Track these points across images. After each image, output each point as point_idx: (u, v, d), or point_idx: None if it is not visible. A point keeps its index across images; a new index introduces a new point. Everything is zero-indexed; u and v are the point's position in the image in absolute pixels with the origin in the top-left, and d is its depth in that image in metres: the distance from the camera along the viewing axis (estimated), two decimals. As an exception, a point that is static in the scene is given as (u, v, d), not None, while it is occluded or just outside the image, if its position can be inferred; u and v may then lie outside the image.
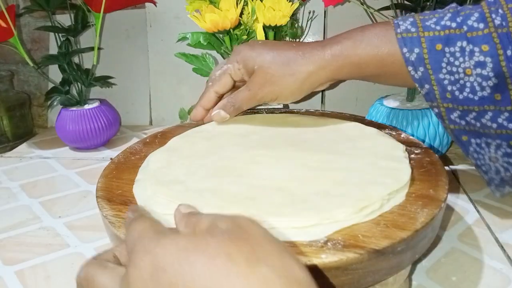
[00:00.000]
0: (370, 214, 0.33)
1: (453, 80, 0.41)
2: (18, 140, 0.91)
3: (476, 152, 0.43)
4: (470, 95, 0.41)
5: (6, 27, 0.69)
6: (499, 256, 0.44)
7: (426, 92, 0.42)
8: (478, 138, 0.42)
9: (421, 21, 0.42)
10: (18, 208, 0.58)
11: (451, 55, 0.40)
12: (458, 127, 0.43)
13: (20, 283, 0.43)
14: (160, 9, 0.83)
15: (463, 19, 0.40)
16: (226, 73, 0.49)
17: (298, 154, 0.42)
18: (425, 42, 0.41)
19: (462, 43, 0.40)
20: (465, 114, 0.41)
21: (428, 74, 0.41)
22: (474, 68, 0.40)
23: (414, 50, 0.41)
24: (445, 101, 0.42)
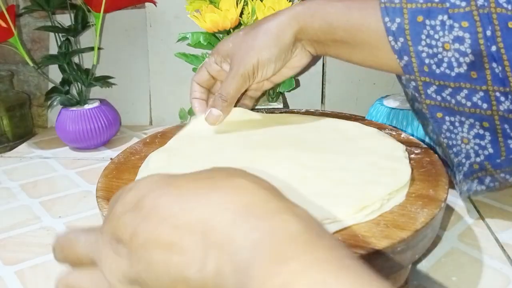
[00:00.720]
0: (370, 214, 0.33)
1: (432, 54, 0.41)
2: (18, 140, 0.91)
3: (449, 130, 0.43)
4: (447, 71, 0.41)
5: (6, 27, 0.69)
6: (499, 256, 0.44)
7: (405, 64, 0.42)
8: (453, 115, 0.43)
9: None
10: (18, 208, 0.58)
11: (431, 28, 0.41)
12: (434, 103, 0.43)
13: (20, 283, 0.43)
14: (160, 9, 0.83)
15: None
16: (202, 67, 0.50)
17: (298, 154, 0.42)
18: (407, 13, 0.41)
19: (443, 17, 0.40)
20: (441, 89, 0.42)
21: (407, 45, 0.42)
22: (452, 43, 0.40)
23: (395, 20, 0.42)
24: (423, 74, 0.42)
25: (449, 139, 0.44)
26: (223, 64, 0.49)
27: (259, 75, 0.47)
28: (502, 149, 0.42)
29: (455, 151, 0.44)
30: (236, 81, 0.46)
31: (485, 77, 0.40)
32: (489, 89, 0.40)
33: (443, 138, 0.44)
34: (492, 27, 0.39)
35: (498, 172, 0.43)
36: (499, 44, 0.39)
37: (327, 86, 0.83)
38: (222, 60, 0.49)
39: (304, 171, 0.39)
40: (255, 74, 0.47)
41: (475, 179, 0.44)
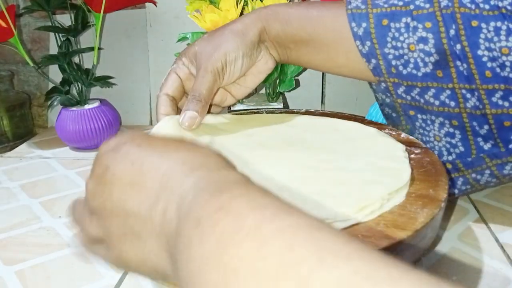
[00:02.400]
0: (370, 214, 0.33)
1: (398, 55, 0.42)
2: (18, 140, 0.91)
3: (422, 127, 0.45)
4: (413, 71, 0.42)
5: (6, 27, 0.69)
6: (499, 256, 0.44)
7: (373, 66, 0.44)
8: (424, 114, 0.44)
9: (372, 0, 0.44)
10: (18, 208, 0.58)
11: (396, 31, 0.42)
12: (405, 102, 0.44)
13: (20, 283, 0.43)
14: (160, 9, 0.83)
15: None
16: (170, 72, 0.48)
17: (298, 154, 0.42)
18: (373, 17, 0.43)
19: (407, 19, 0.41)
20: (409, 89, 0.43)
21: (374, 48, 0.43)
22: (417, 44, 0.41)
23: (361, 24, 0.43)
24: (391, 75, 0.43)
25: (422, 135, 0.45)
26: (190, 67, 0.48)
27: (228, 72, 0.46)
28: (472, 147, 0.43)
29: (429, 147, 0.45)
30: (207, 79, 0.45)
31: (451, 75, 0.41)
32: (455, 87, 0.41)
33: (417, 134, 0.46)
34: (456, 26, 0.40)
35: (470, 172, 0.44)
36: (464, 43, 0.40)
37: (327, 86, 0.83)
38: (189, 62, 0.48)
39: (304, 171, 0.39)
40: (224, 69, 0.46)
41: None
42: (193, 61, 0.47)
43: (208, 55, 0.45)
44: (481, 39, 0.39)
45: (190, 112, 0.44)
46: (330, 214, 0.32)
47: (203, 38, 0.48)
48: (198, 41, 0.48)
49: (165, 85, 0.47)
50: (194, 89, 0.45)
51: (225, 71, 0.46)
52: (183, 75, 0.48)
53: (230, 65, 0.46)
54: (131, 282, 0.43)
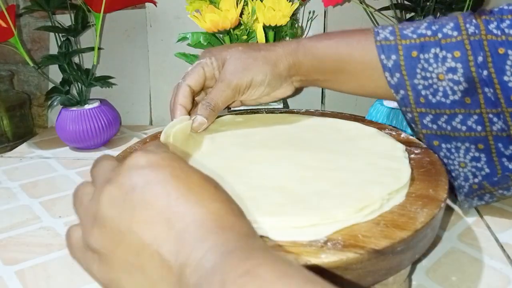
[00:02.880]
0: (370, 214, 0.33)
1: (427, 85, 0.43)
2: (18, 140, 0.91)
3: (446, 157, 0.45)
4: (442, 99, 0.43)
5: (6, 27, 0.69)
6: (499, 256, 0.44)
7: (401, 97, 0.44)
8: (449, 142, 0.44)
9: (399, 30, 0.44)
10: (18, 208, 0.58)
11: (425, 61, 0.43)
12: (430, 132, 0.45)
13: (20, 283, 0.43)
14: (160, 9, 0.83)
15: (438, 27, 0.43)
16: (198, 66, 0.48)
17: (298, 154, 0.42)
18: (402, 49, 0.43)
19: (436, 50, 0.42)
20: (437, 117, 0.44)
21: (403, 80, 0.44)
22: (446, 73, 0.42)
23: (391, 57, 0.44)
24: (419, 105, 0.44)
25: (447, 165, 0.46)
26: (216, 70, 0.49)
27: (247, 94, 0.48)
28: (497, 168, 0.44)
29: (453, 176, 0.46)
30: (226, 94, 0.47)
31: (479, 101, 0.42)
32: (483, 111, 0.42)
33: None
34: (483, 53, 0.41)
35: (496, 189, 0.45)
36: (490, 69, 0.41)
37: (327, 86, 0.83)
38: (217, 65, 0.48)
39: (304, 171, 0.39)
40: (245, 91, 0.48)
41: (475, 197, 0.47)
42: (220, 66, 0.48)
43: (235, 72, 0.47)
44: (507, 66, 0.40)
45: (201, 118, 0.46)
46: (330, 214, 0.32)
47: (238, 49, 0.48)
48: (233, 50, 0.48)
49: (190, 76, 0.48)
50: (211, 98, 0.47)
51: (245, 92, 0.48)
52: (208, 73, 0.49)
53: (252, 89, 0.48)
54: (131, 282, 0.43)
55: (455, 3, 0.64)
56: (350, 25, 0.79)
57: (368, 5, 0.67)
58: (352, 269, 0.29)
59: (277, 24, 0.63)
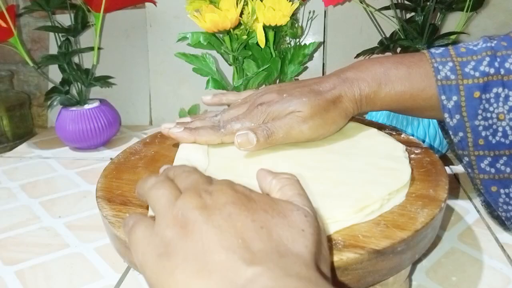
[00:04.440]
0: (370, 214, 0.33)
1: (487, 126, 0.41)
2: (18, 140, 0.91)
3: (506, 203, 0.43)
4: (502, 139, 0.41)
5: (6, 27, 0.69)
6: (499, 256, 0.44)
7: (459, 140, 0.42)
8: (508, 187, 0.43)
9: (460, 66, 0.41)
10: (18, 208, 0.58)
11: (487, 102, 0.41)
12: (488, 177, 0.43)
13: (20, 283, 0.43)
14: (160, 9, 0.83)
15: (500, 61, 0.41)
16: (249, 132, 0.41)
17: (298, 154, 0.42)
18: (464, 90, 0.41)
19: (498, 89, 0.40)
20: (495, 160, 0.42)
21: (463, 122, 0.41)
22: (507, 113, 0.40)
23: (452, 98, 0.41)
24: (477, 148, 0.42)
25: (506, 211, 0.44)
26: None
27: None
28: None
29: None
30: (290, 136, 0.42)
31: None
32: None
33: (500, 212, 0.44)
34: None
35: None
36: None
37: (327, 86, 0.83)
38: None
39: (304, 171, 0.39)
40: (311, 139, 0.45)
41: None
42: None
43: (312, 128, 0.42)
44: None
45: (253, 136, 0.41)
46: (330, 214, 0.32)
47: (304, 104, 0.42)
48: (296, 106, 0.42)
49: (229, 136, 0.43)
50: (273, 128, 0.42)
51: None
52: None
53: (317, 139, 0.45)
54: (131, 282, 0.43)
55: (455, 3, 0.64)
56: (350, 25, 0.79)
57: (368, 4, 0.67)
58: (352, 269, 0.29)
59: (277, 24, 0.63)
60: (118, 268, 0.45)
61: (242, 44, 0.65)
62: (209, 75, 0.67)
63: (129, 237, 0.27)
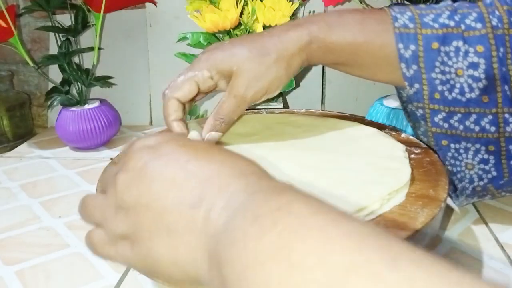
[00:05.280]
0: (370, 214, 0.33)
1: (444, 80, 0.40)
2: (18, 140, 0.91)
3: (454, 158, 0.43)
4: (458, 96, 0.40)
5: (6, 27, 0.69)
6: (499, 256, 0.44)
7: (415, 91, 0.41)
8: (458, 143, 0.42)
9: (419, 17, 0.40)
10: (18, 208, 0.58)
11: (446, 55, 0.40)
12: (440, 131, 0.42)
13: (20, 283, 0.43)
14: (160, 9, 0.83)
15: (461, 17, 0.40)
16: (191, 80, 0.42)
17: (298, 154, 0.42)
18: (422, 39, 0.40)
19: (458, 43, 0.39)
20: (449, 116, 0.41)
21: (420, 73, 0.40)
22: (466, 69, 0.39)
23: (410, 47, 0.40)
24: (432, 102, 0.41)
25: (453, 166, 0.44)
26: (220, 82, 0.43)
27: (262, 100, 0.44)
28: (505, 171, 0.42)
29: (459, 177, 0.44)
30: (241, 108, 0.42)
31: (496, 100, 0.39)
32: (499, 111, 0.40)
33: (447, 165, 0.44)
34: (504, 49, 0.38)
35: (500, 192, 0.44)
36: (509, 66, 0.38)
37: (327, 86, 0.83)
38: (220, 77, 0.42)
39: (304, 171, 0.39)
40: (260, 99, 0.43)
41: (475, 197, 0.45)
42: (225, 77, 0.42)
43: (248, 85, 0.41)
44: None
45: (214, 133, 0.42)
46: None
47: (241, 54, 0.41)
48: (238, 58, 0.41)
49: (181, 90, 0.42)
50: (224, 114, 0.42)
51: (260, 100, 0.43)
52: (203, 87, 0.42)
53: (267, 95, 0.43)
54: (131, 282, 0.43)
55: (455, 3, 0.64)
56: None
57: (368, 4, 0.67)
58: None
59: (277, 24, 0.63)
60: (118, 268, 0.45)
61: (242, 44, 0.65)
62: (209, 75, 0.67)
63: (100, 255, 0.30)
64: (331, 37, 0.41)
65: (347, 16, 0.42)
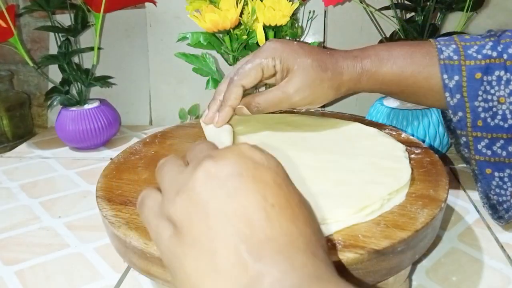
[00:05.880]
0: (370, 214, 0.33)
1: (487, 108, 0.42)
2: (18, 140, 0.91)
3: (499, 187, 0.44)
4: (500, 123, 0.42)
5: (6, 27, 0.68)
6: (499, 256, 0.44)
7: (458, 119, 0.43)
8: (502, 171, 0.43)
9: (463, 48, 0.43)
10: (18, 208, 0.58)
11: (488, 84, 0.41)
12: (484, 158, 0.43)
13: (20, 283, 0.43)
14: (160, 9, 0.83)
15: (503, 47, 0.41)
16: (258, 67, 0.44)
17: (298, 154, 0.42)
18: (466, 70, 0.42)
19: (500, 72, 0.41)
20: (492, 142, 0.43)
21: (463, 102, 0.42)
22: (508, 97, 0.41)
23: (454, 77, 0.42)
24: (475, 129, 0.43)
25: (498, 195, 0.45)
26: (277, 74, 0.45)
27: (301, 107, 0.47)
28: None
29: (505, 207, 0.45)
30: (281, 105, 0.44)
31: None
32: None
33: (492, 195, 0.45)
34: None
35: None
36: None
37: (327, 86, 0.83)
38: (279, 71, 0.44)
39: (304, 171, 0.39)
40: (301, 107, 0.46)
41: None
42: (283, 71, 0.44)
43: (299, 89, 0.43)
44: None
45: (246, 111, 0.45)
46: (330, 214, 0.32)
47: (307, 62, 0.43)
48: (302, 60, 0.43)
49: (248, 76, 0.44)
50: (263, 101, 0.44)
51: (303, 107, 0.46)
52: (266, 75, 0.45)
53: (308, 106, 0.46)
54: (131, 282, 0.43)
55: (455, 3, 0.64)
56: (350, 24, 0.79)
57: (368, 4, 0.67)
58: (352, 269, 0.29)
59: (277, 24, 0.63)
60: (118, 268, 0.45)
61: (242, 44, 0.65)
62: (209, 75, 0.67)
63: (140, 215, 0.27)
64: (381, 70, 0.44)
65: (396, 50, 0.45)
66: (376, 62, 0.44)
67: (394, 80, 0.44)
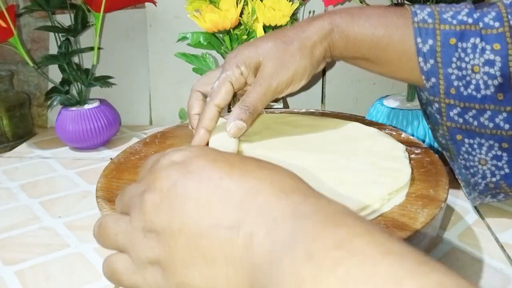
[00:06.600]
0: (370, 214, 0.33)
1: (460, 76, 0.41)
2: (18, 140, 0.91)
3: (467, 152, 0.44)
4: (473, 93, 0.41)
5: (6, 27, 0.68)
6: (499, 256, 0.44)
7: (431, 85, 0.42)
8: (472, 138, 0.43)
9: (439, 13, 0.42)
10: (18, 208, 0.58)
11: (463, 51, 0.41)
12: (455, 125, 0.43)
13: (20, 283, 0.43)
14: (160, 9, 0.83)
15: (479, 15, 0.41)
16: (226, 82, 0.43)
17: (298, 154, 0.42)
18: (440, 34, 0.41)
19: (476, 40, 0.40)
20: (464, 111, 0.42)
21: (437, 68, 0.41)
22: (482, 66, 0.40)
23: (428, 41, 0.41)
24: (448, 96, 0.42)
25: (466, 160, 0.44)
26: (249, 77, 0.44)
27: (287, 91, 0.45)
28: None
29: (472, 172, 0.45)
30: (267, 97, 0.43)
31: (511, 98, 0.40)
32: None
33: (460, 160, 0.45)
34: None
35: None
36: None
37: (327, 86, 0.83)
38: (250, 72, 0.43)
39: (304, 171, 0.39)
40: (286, 90, 0.44)
41: (488, 195, 0.45)
42: (254, 71, 0.44)
43: (274, 74, 0.42)
44: None
45: (239, 122, 0.42)
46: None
47: (266, 46, 0.43)
48: (264, 49, 0.43)
49: (219, 95, 0.43)
50: (250, 102, 0.42)
51: (286, 91, 0.45)
52: (237, 86, 0.44)
53: (293, 85, 0.44)
54: (131, 282, 0.43)
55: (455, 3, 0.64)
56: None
57: (368, 5, 0.67)
58: (352, 269, 0.29)
59: (277, 24, 0.63)
60: (118, 268, 0.45)
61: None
62: (209, 75, 0.67)
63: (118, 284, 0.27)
64: (352, 27, 0.43)
65: (369, 9, 0.44)
66: (347, 18, 0.43)
67: (367, 41, 0.43)
